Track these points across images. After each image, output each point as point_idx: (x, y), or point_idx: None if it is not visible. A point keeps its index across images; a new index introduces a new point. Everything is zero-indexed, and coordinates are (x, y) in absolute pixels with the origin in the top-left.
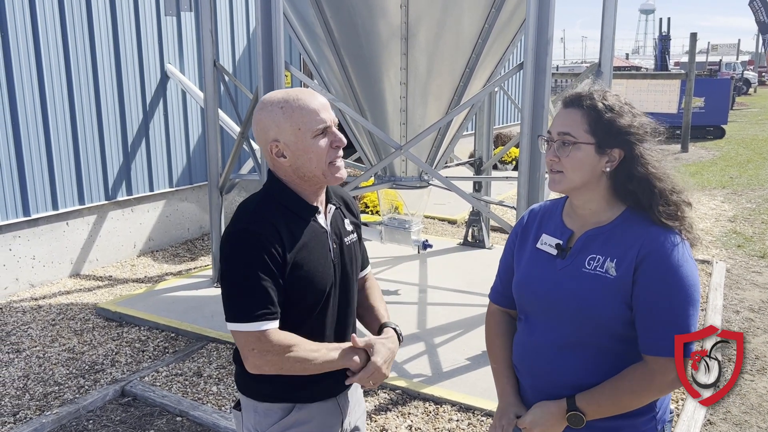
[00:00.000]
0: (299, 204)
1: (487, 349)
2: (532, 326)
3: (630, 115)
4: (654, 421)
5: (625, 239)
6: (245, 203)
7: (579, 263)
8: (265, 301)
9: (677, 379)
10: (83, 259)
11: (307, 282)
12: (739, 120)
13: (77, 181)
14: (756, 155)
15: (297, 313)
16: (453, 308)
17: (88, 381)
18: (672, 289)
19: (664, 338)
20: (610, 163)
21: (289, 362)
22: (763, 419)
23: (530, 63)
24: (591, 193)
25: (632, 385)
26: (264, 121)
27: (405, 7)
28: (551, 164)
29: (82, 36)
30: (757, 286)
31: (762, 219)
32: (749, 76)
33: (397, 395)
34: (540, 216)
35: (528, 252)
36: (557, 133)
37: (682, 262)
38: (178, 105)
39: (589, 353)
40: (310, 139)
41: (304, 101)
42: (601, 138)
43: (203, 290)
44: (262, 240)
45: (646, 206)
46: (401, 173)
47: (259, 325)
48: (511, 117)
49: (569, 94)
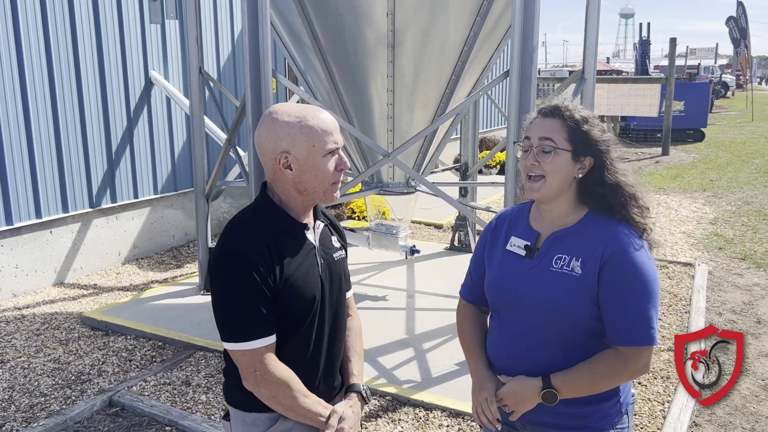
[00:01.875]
0: (288, 221)
1: (459, 336)
2: (505, 324)
3: (599, 127)
4: (619, 405)
5: (589, 240)
6: (234, 222)
7: (546, 262)
8: (259, 319)
9: (647, 364)
10: (67, 267)
11: (295, 297)
12: (718, 123)
13: (61, 189)
14: (735, 158)
15: (285, 326)
16: (441, 313)
17: (74, 391)
18: (635, 286)
19: (632, 329)
20: (582, 170)
21: (284, 395)
22: (747, 420)
23: (516, 71)
24: (561, 197)
25: (607, 368)
26: (277, 132)
27: (391, 15)
28: (531, 169)
29: (65, 43)
30: (738, 288)
31: (742, 221)
32: (727, 80)
33: (387, 402)
34: (508, 220)
35: (498, 254)
36: (538, 139)
37: (644, 261)
38: (163, 111)
39: (558, 346)
40: (320, 157)
41: (321, 121)
42: (577, 146)
43: (190, 298)
44: (250, 259)
45: (618, 209)
46: (388, 179)
47: (257, 343)
48: (495, 121)
49: (547, 105)
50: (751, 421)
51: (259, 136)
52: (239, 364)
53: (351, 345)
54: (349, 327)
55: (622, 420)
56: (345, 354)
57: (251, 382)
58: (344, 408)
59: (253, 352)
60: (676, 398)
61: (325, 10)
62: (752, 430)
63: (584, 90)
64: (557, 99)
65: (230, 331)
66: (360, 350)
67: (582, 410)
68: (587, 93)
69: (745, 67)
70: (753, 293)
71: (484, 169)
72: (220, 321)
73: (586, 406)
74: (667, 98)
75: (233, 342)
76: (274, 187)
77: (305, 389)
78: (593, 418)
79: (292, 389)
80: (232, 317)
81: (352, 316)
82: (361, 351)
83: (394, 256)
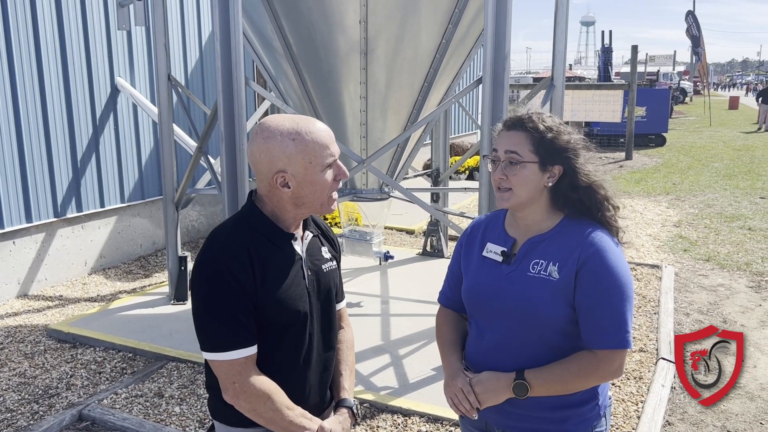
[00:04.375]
0: (274, 232)
1: (437, 338)
2: (483, 329)
3: (566, 134)
4: (597, 408)
5: (565, 244)
6: (217, 231)
7: (524, 268)
8: (240, 329)
9: (620, 368)
10: (31, 278)
11: (279, 308)
12: (678, 128)
13: (24, 198)
14: (696, 162)
15: (270, 339)
16: (416, 318)
17: (42, 406)
18: (610, 289)
19: (607, 333)
20: (552, 179)
21: (264, 407)
22: (718, 418)
23: (489, 78)
24: (534, 205)
25: (580, 369)
26: (272, 151)
27: (364, 23)
28: (500, 182)
29: (28, 49)
30: (704, 289)
31: (705, 224)
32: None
33: (364, 409)
34: (484, 226)
35: (475, 260)
36: (504, 152)
37: (618, 264)
38: (129, 119)
39: (535, 351)
40: (318, 172)
41: (316, 134)
42: (544, 156)
43: (160, 308)
44: (232, 268)
45: (594, 211)
46: (362, 186)
47: (236, 354)
48: (464, 127)
49: (510, 117)
50: (722, 419)
51: (252, 154)
52: (218, 375)
53: (342, 359)
54: (341, 340)
55: (601, 423)
56: (336, 368)
57: (230, 394)
58: (333, 424)
59: (232, 363)
60: (650, 398)
61: (297, 17)
62: (723, 428)
63: (554, 97)
64: (522, 109)
65: (208, 341)
66: (352, 364)
67: (561, 414)
68: (557, 100)
69: (702, 73)
70: (718, 293)
71: (453, 174)
72: (198, 330)
73: (565, 410)
74: (629, 104)
75: (211, 352)
76: (266, 200)
77: (289, 402)
78: (572, 422)
79: (273, 401)
80: (211, 326)
81: (344, 329)
82: (352, 365)
83: (368, 262)
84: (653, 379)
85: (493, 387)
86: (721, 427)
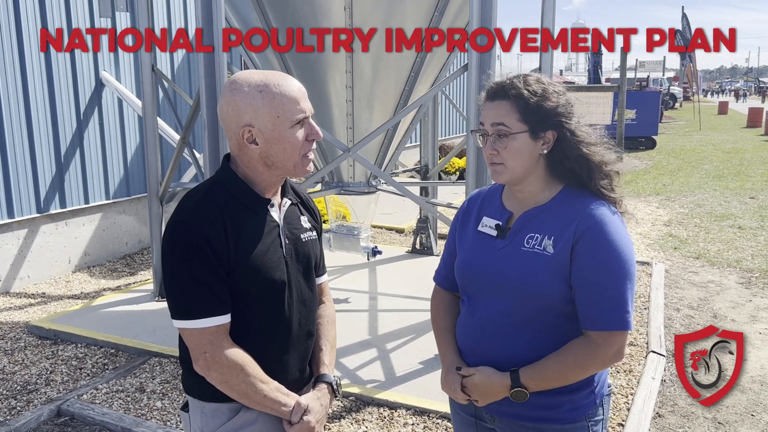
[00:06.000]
0: (250, 196)
1: (432, 322)
2: (474, 307)
3: (555, 95)
4: (593, 396)
5: (561, 217)
6: (190, 193)
7: (518, 242)
8: (212, 295)
9: (620, 351)
10: (13, 276)
11: (253, 276)
12: (668, 132)
13: (6, 194)
14: (685, 164)
15: (246, 309)
16: (404, 314)
17: (20, 402)
18: (610, 265)
19: (606, 313)
20: (546, 145)
21: (237, 380)
22: (709, 410)
23: (474, 63)
24: (531, 176)
25: (576, 358)
26: (238, 104)
27: (349, 9)
28: (491, 157)
29: (10, 43)
30: (694, 285)
31: (695, 223)
32: (675, 92)
33: (350, 402)
34: (481, 200)
35: (470, 235)
36: (491, 125)
37: (618, 238)
38: (114, 113)
39: (530, 330)
40: (288, 128)
41: (286, 88)
42: (533, 124)
43: (144, 304)
44: (204, 232)
45: (587, 180)
46: (349, 178)
47: (207, 321)
48: (454, 129)
49: (491, 86)
50: (713, 411)
51: (220, 109)
52: (189, 344)
53: (323, 333)
54: (321, 315)
55: (597, 412)
56: (316, 343)
57: (201, 364)
58: (311, 400)
59: (203, 332)
60: (639, 390)
61: (282, 4)
62: (714, 419)
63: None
64: (502, 77)
65: (178, 307)
66: (333, 340)
67: (553, 401)
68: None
69: (692, 79)
70: (708, 290)
71: (443, 175)
72: (168, 296)
73: (557, 397)
74: (619, 106)
75: (181, 319)
76: (238, 161)
77: (263, 375)
78: (564, 408)
79: (247, 374)
80: (181, 293)
81: (325, 303)
82: (333, 341)
83: (356, 258)
84: (643, 372)
85: (489, 391)
86: (712, 419)
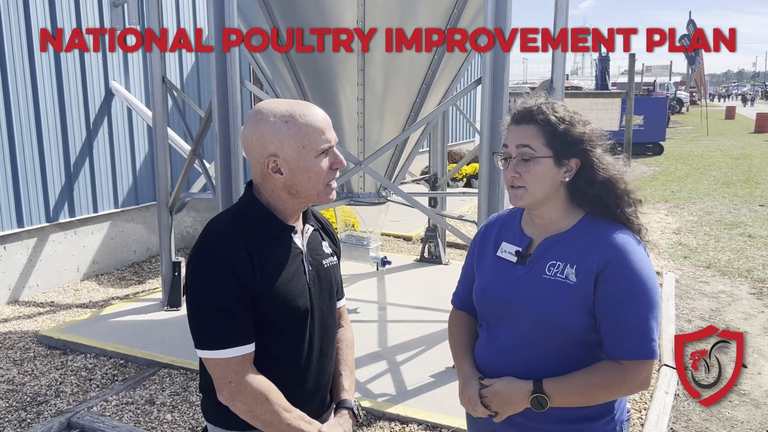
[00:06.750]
0: (274, 223)
1: (449, 340)
2: (494, 334)
3: (581, 124)
4: (613, 423)
5: (584, 245)
6: (214, 221)
7: (539, 269)
8: (237, 325)
9: (647, 380)
10: (22, 284)
11: (278, 305)
12: (675, 137)
13: (15, 203)
14: (694, 170)
15: (270, 337)
16: (414, 325)
17: (30, 414)
18: (636, 295)
19: (632, 342)
20: (569, 174)
21: (262, 409)
22: (723, 426)
23: (488, 78)
24: (550, 203)
25: (604, 380)
26: (264, 134)
27: (361, 23)
28: (512, 180)
29: (21, 51)
30: (705, 296)
31: (704, 231)
32: (682, 96)
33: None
34: (499, 225)
35: (488, 260)
36: (515, 147)
37: (643, 266)
38: (124, 123)
39: (549, 359)
40: (312, 158)
41: (311, 118)
42: (558, 150)
43: (153, 314)
44: (229, 262)
45: (613, 208)
46: (359, 189)
47: (233, 351)
48: (462, 135)
49: (519, 110)
50: (727, 426)
51: (244, 138)
52: (213, 374)
53: (342, 358)
54: (340, 339)
55: None
56: (335, 368)
57: (226, 394)
58: (333, 427)
59: (228, 362)
60: (653, 406)
61: (293, 17)
62: None
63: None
64: (530, 100)
65: (203, 338)
66: (351, 364)
67: (573, 428)
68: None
69: (699, 83)
70: (719, 300)
71: (451, 182)
72: (192, 326)
73: (576, 424)
74: (627, 112)
75: (206, 349)
76: (261, 189)
77: (287, 403)
78: None
79: (271, 403)
80: (206, 323)
81: (344, 327)
82: (352, 365)
83: (365, 267)
84: (656, 386)
85: (509, 399)
86: None
